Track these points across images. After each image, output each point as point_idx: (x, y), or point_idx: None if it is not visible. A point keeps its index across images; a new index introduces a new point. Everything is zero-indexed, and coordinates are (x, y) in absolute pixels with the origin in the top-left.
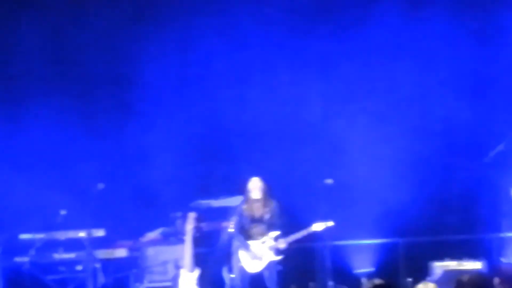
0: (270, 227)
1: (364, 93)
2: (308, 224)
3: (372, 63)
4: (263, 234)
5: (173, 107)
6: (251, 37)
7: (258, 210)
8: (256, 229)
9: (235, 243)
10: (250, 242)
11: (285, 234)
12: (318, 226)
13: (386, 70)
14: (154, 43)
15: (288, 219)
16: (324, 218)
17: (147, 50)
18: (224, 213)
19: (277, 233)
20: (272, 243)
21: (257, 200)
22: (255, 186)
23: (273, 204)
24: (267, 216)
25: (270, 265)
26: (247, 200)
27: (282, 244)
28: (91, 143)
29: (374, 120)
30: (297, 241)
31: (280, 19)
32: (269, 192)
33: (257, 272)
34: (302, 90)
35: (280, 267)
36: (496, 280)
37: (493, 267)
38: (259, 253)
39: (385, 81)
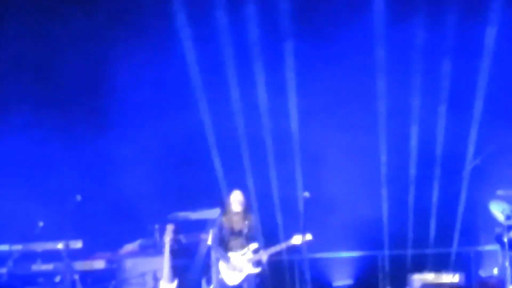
0: (249, 240)
1: (342, 106)
2: (287, 237)
3: (349, 75)
4: (242, 246)
5: (150, 118)
6: (230, 46)
7: (237, 223)
8: (235, 241)
9: (214, 255)
10: (229, 254)
11: (263, 247)
12: (297, 239)
13: (363, 82)
14: (130, 52)
15: (265, 232)
16: (303, 231)
17: (123, 60)
18: (202, 225)
19: (256, 245)
20: (251, 255)
21: (236, 213)
22: (236, 199)
23: (252, 217)
24: (246, 230)
25: (249, 277)
26: (226, 212)
27: (264, 255)
28: (68, 154)
29: (352, 132)
30: (276, 253)
31: (261, 27)
32: (248, 205)
33: (236, 285)
34: (279, 102)
35: (258, 280)
36: None
37: (471, 280)
38: (239, 265)
39: (362, 93)
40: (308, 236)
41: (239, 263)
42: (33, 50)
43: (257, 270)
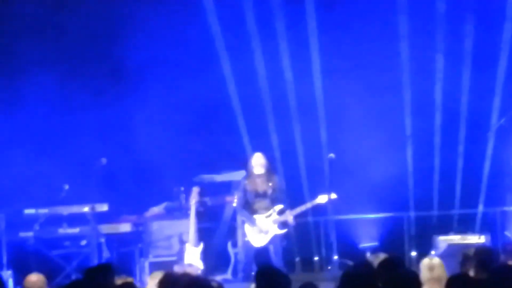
0: (274, 201)
1: (365, 67)
2: (312, 198)
3: (372, 36)
4: (267, 208)
5: (173, 80)
6: (252, 6)
7: (261, 185)
8: (260, 203)
9: (240, 217)
10: (255, 217)
11: (289, 208)
12: (322, 199)
13: (386, 43)
14: (149, 12)
15: (290, 193)
16: (328, 192)
17: (143, 21)
18: (227, 188)
19: (281, 206)
20: (277, 216)
21: (259, 175)
22: (257, 162)
23: (276, 179)
24: (270, 191)
25: (275, 239)
26: (249, 175)
27: (290, 216)
28: (92, 117)
29: (376, 93)
30: (302, 215)
31: None
32: (272, 167)
33: (262, 246)
34: (303, 63)
35: (285, 242)
36: (502, 255)
37: (497, 241)
38: (264, 227)
39: (386, 54)
40: (333, 195)
41: (265, 225)
42: (49, 14)
43: (282, 231)
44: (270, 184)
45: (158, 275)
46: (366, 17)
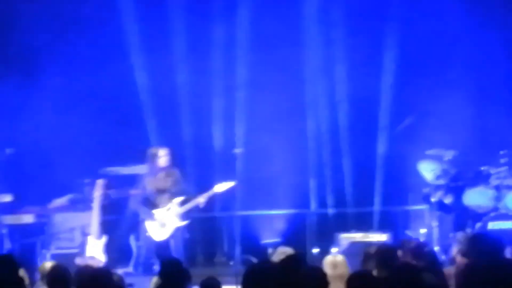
0: (174, 195)
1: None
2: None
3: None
4: (167, 202)
5: (83, 70)
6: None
7: (161, 181)
8: (160, 198)
9: (141, 213)
10: (155, 211)
11: (189, 199)
12: (220, 187)
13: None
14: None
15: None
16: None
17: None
18: (132, 181)
19: (181, 198)
20: (178, 208)
21: (161, 169)
22: (160, 155)
23: (176, 173)
24: (170, 186)
25: (176, 232)
26: (151, 169)
27: (201, 199)
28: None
29: (283, 90)
30: (205, 210)
31: None
32: (173, 161)
33: (163, 240)
34: (208, 57)
35: (187, 235)
36: (400, 253)
37: (398, 240)
38: (165, 220)
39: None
40: (231, 183)
41: (165, 218)
42: None
43: (184, 223)
44: (171, 178)
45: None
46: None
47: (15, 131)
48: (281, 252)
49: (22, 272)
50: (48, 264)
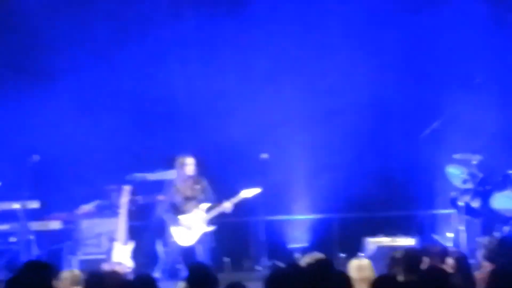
0: (201, 202)
1: (297, 67)
2: None
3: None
4: (194, 209)
5: (111, 77)
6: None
7: (189, 189)
8: (188, 205)
9: (168, 219)
10: (181, 217)
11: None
12: (246, 193)
13: (317, 43)
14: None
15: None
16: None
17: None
18: (159, 187)
19: (208, 205)
20: (204, 215)
21: (189, 178)
22: (188, 163)
23: (203, 182)
24: (198, 194)
25: (203, 238)
26: (178, 177)
27: (228, 204)
28: (26, 114)
29: (311, 95)
30: (232, 215)
31: None
32: (200, 169)
33: (189, 246)
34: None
35: (213, 244)
36: (426, 259)
37: (425, 244)
38: (191, 226)
39: (318, 55)
40: (257, 190)
41: (191, 224)
42: None
43: (210, 228)
44: (198, 186)
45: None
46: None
47: (41, 138)
48: (311, 257)
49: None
50: (77, 271)
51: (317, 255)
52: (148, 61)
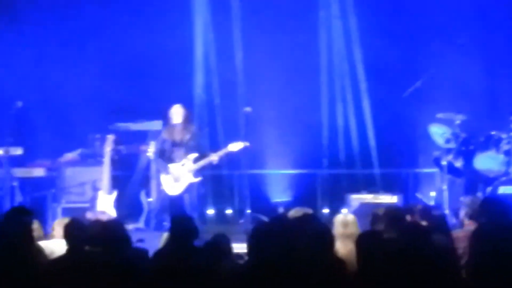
0: (190, 149)
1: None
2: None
3: None
4: (183, 157)
5: (95, 24)
6: None
7: (178, 134)
8: (176, 152)
9: (154, 166)
10: (170, 165)
11: (204, 156)
12: (234, 146)
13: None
14: None
15: (207, 142)
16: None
17: None
18: (143, 137)
19: (195, 155)
20: (192, 165)
21: (178, 125)
22: (176, 112)
23: (193, 128)
24: (187, 139)
25: (191, 187)
26: (167, 125)
27: (214, 157)
28: (10, 59)
29: (296, 51)
30: (216, 167)
31: None
32: (190, 117)
33: (177, 195)
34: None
35: (202, 190)
36: (408, 215)
37: (409, 202)
38: (179, 175)
39: (304, 13)
40: (245, 143)
41: (179, 173)
42: None
43: (197, 179)
44: (187, 132)
45: (63, 221)
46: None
47: (25, 84)
48: (297, 211)
49: (36, 224)
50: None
51: (303, 210)
52: (136, 10)
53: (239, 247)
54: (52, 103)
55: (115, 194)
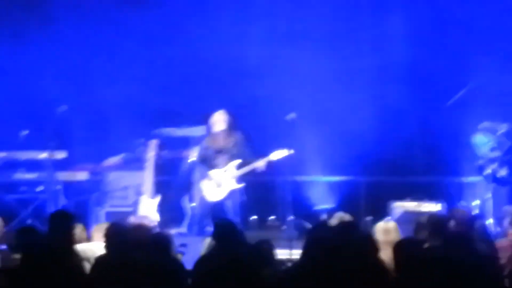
0: (234, 157)
1: (330, 31)
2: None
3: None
4: (226, 164)
5: (141, 33)
6: None
7: (222, 141)
8: (219, 159)
9: (197, 172)
10: (212, 171)
11: (247, 163)
12: (278, 154)
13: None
14: None
15: (252, 149)
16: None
17: None
18: (186, 142)
19: (238, 161)
20: (235, 171)
21: (221, 132)
22: (219, 119)
23: (237, 135)
24: (230, 146)
25: (233, 194)
26: (210, 132)
27: (258, 164)
28: (55, 63)
29: (341, 57)
30: (259, 174)
31: None
32: (233, 124)
33: (218, 201)
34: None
35: (245, 197)
36: (452, 223)
37: (450, 210)
38: (221, 181)
39: (350, 19)
40: (289, 151)
41: (222, 179)
42: None
43: (240, 185)
44: (231, 139)
45: (102, 227)
46: None
47: (70, 88)
48: (337, 217)
49: (80, 228)
50: (104, 224)
51: (343, 216)
52: (181, 17)
53: (282, 253)
54: (96, 107)
55: (158, 198)
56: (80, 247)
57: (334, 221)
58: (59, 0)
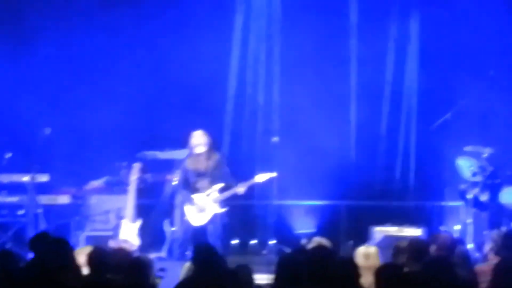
0: (215, 179)
1: (314, 55)
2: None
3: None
4: (208, 187)
5: (125, 55)
6: None
7: (202, 163)
8: (201, 182)
9: (179, 197)
10: (194, 196)
11: (229, 186)
12: (261, 177)
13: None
14: None
15: (232, 170)
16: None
17: None
18: (169, 166)
19: (221, 185)
20: (217, 195)
21: (201, 154)
22: (198, 141)
23: (217, 156)
24: (211, 169)
25: (215, 218)
26: (191, 154)
27: (241, 188)
28: (38, 86)
29: (324, 82)
30: (240, 197)
31: None
32: (214, 145)
33: (200, 226)
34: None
35: (226, 220)
36: (433, 247)
37: (432, 235)
38: (204, 206)
39: (334, 44)
40: (273, 174)
41: (204, 204)
42: None
43: (223, 210)
44: (211, 161)
45: (85, 250)
46: (317, 9)
47: (53, 111)
48: (315, 242)
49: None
50: (86, 248)
51: (320, 240)
52: (164, 39)
53: (262, 278)
54: (79, 131)
55: (139, 222)
56: None
57: (311, 245)
58: (42, 24)
